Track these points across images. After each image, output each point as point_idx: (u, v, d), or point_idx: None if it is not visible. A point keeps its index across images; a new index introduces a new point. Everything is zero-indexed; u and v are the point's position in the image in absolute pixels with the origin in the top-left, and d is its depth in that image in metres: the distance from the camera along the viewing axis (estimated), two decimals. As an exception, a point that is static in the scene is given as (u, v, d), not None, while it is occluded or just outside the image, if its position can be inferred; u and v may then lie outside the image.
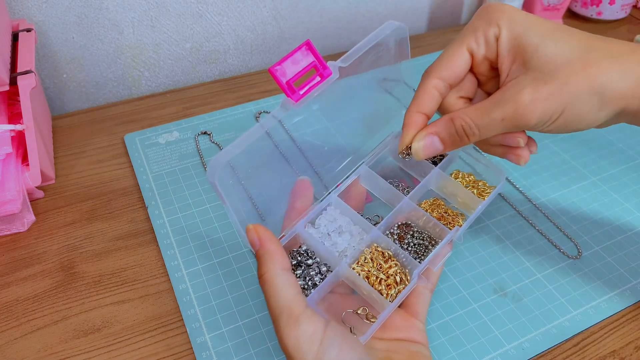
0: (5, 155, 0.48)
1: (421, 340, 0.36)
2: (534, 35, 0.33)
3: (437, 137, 0.37)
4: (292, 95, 0.32)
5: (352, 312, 0.37)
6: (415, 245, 0.40)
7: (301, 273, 0.37)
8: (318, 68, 0.33)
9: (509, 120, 0.33)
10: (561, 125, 0.33)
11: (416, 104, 0.37)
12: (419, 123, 0.38)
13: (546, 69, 0.32)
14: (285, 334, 0.31)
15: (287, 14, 0.73)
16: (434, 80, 0.36)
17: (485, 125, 0.34)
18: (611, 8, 0.79)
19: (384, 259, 0.38)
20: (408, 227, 0.41)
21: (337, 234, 0.40)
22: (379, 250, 0.38)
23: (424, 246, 0.40)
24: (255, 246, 0.34)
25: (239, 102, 0.65)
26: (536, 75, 0.33)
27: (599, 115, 0.33)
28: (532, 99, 0.32)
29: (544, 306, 0.43)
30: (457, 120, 0.35)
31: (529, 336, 0.41)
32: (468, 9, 0.85)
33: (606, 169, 0.55)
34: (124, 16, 0.64)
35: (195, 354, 0.40)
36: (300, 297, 0.32)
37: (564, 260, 0.46)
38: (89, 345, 0.41)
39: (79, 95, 0.68)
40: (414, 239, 0.40)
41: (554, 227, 0.49)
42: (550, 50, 0.33)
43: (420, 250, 0.40)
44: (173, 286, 0.44)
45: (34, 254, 0.47)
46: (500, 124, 0.34)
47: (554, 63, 0.32)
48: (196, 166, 0.56)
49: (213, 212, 0.50)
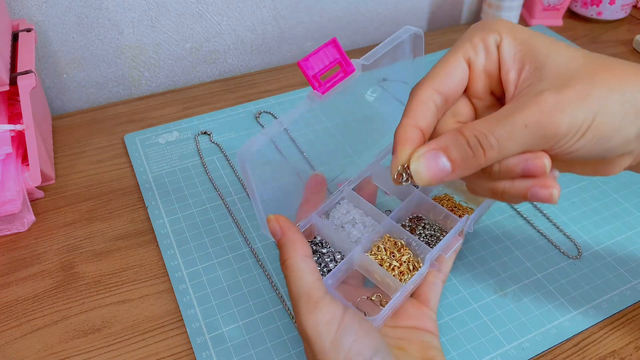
0: (5, 155, 0.48)
1: (432, 330, 0.37)
2: (541, 42, 0.30)
3: (442, 153, 0.28)
4: (319, 88, 0.34)
5: (366, 298, 0.38)
6: (426, 236, 0.41)
7: (316, 261, 0.37)
8: (342, 64, 0.35)
9: (533, 126, 0.27)
10: (593, 139, 0.27)
11: (409, 116, 0.31)
12: (415, 139, 0.30)
13: (568, 73, 0.28)
14: (304, 317, 0.31)
15: (287, 14, 0.73)
16: (428, 91, 0.31)
17: (505, 134, 0.27)
18: (611, 8, 0.79)
19: (397, 248, 0.39)
20: (419, 219, 0.43)
21: (351, 225, 0.41)
22: (392, 240, 0.39)
23: (436, 237, 0.41)
24: (277, 235, 0.34)
25: (239, 102, 0.65)
26: (555, 82, 0.28)
27: (631, 127, 0.27)
28: (557, 101, 0.27)
29: (544, 306, 0.43)
30: (467, 130, 0.28)
31: (529, 336, 0.41)
32: (468, 8, 0.85)
33: (606, 169, 0.55)
34: (124, 16, 0.64)
35: (195, 354, 0.40)
36: (320, 283, 0.33)
37: (564, 260, 0.46)
38: (89, 345, 0.41)
39: (79, 95, 0.68)
40: (425, 230, 0.41)
41: (553, 227, 0.49)
42: (566, 56, 0.29)
43: (432, 241, 0.40)
44: (173, 286, 0.44)
45: (34, 254, 0.47)
46: (524, 133, 0.27)
47: (574, 67, 0.28)
48: (196, 166, 0.56)
49: (213, 212, 0.50)
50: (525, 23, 0.81)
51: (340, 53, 0.35)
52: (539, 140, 0.27)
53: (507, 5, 0.75)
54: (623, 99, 0.27)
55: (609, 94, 0.27)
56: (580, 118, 0.27)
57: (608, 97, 0.27)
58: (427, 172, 0.28)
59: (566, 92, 0.27)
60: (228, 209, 0.51)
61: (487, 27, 0.31)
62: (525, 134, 0.27)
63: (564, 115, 0.27)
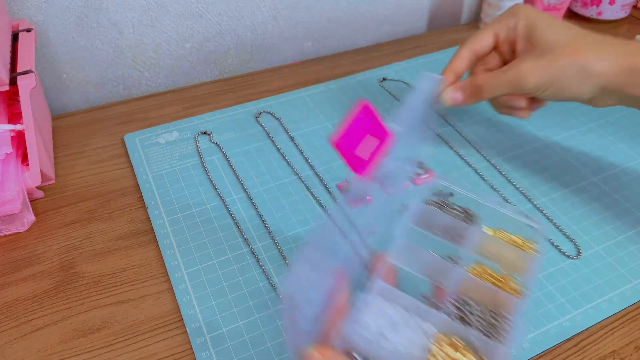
0: (5, 155, 0.48)
1: None
2: (542, 25, 0.45)
3: (460, 90, 0.47)
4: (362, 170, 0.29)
5: None
6: (479, 322, 0.33)
7: None
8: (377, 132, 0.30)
9: (512, 81, 0.44)
10: (554, 92, 0.44)
11: (451, 65, 0.49)
12: (451, 80, 0.48)
13: (546, 48, 0.44)
14: None
15: (287, 14, 0.73)
16: (465, 50, 0.48)
17: (495, 84, 0.45)
18: (611, 8, 0.79)
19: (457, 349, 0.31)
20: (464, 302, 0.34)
21: (393, 330, 0.32)
22: (449, 340, 0.31)
23: (489, 322, 0.32)
24: None
25: (239, 102, 0.65)
26: (537, 53, 0.44)
27: (583, 88, 0.44)
28: (530, 67, 0.44)
29: (544, 306, 0.43)
30: (475, 79, 0.47)
31: (529, 336, 0.41)
32: (468, 9, 0.85)
33: (606, 169, 0.55)
34: (124, 16, 0.64)
35: (195, 354, 0.40)
36: None
37: (564, 260, 0.46)
38: (89, 345, 0.41)
39: (79, 95, 0.68)
40: (474, 316, 0.33)
41: (554, 227, 0.49)
42: (551, 36, 0.44)
43: (486, 327, 0.32)
44: (173, 286, 0.44)
45: (34, 254, 0.47)
46: (506, 85, 0.45)
47: (552, 45, 0.44)
48: (196, 166, 0.56)
49: (213, 212, 0.50)
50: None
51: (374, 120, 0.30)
52: (517, 90, 0.45)
53: (507, 6, 0.75)
54: (580, 68, 0.43)
55: (570, 64, 0.43)
56: (543, 79, 0.44)
57: (569, 66, 0.43)
58: (449, 99, 0.47)
59: (539, 60, 0.44)
60: (228, 209, 0.51)
61: (513, 12, 0.47)
62: (508, 85, 0.45)
63: (531, 77, 0.44)
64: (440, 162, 0.56)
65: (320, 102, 0.64)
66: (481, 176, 0.54)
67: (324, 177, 0.54)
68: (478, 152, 0.57)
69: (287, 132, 0.60)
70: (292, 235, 0.48)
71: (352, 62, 0.73)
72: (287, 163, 0.56)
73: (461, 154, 0.57)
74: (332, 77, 0.69)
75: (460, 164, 0.56)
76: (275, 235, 0.48)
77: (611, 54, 0.42)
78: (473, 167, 0.55)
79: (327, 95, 0.66)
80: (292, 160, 0.56)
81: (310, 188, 0.53)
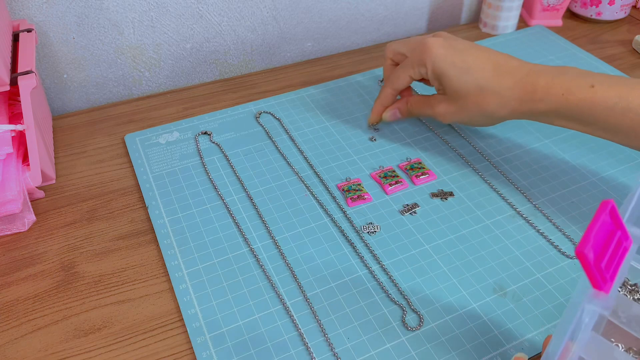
0: (6, 155, 0.48)
1: None
2: (449, 74, 0.51)
3: (397, 110, 0.58)
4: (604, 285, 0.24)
5: None
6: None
7: None
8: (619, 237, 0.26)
9: (433, 116, 0.55)
10: (469, 125, 0.58)
11: (380, 100, 0.59)
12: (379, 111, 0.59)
13: (456, 95, 0.52)
14: None
15: (287, 14, 0.73)
16: (388, 89, 0.57)
17: (421, 111, 0.56)
18: (611, 8, 0.79)
19: None
20: None
21: None
22: None
23: None
24: None
25: (239, 102, 0.65)
26: (448, 97, 0.53)
27: (491, 124, 0.55)
28: (444, 112, 0.54)
29: (544, 306, 0.43)
30: (409, 103, 0.57)
31: (529, 336, 0.41)
32: (468, 9, 0.85)
33: (605, 169, 0.55)
34: (124, 16, 0.64)
35: (196, 354, 0.40)
36: None
37: (563, 260, 0.46)
38: (89, 345, 0.41)
39: (80, 95, 0.68)
40: None
41: (554, 227, 0.49)
42: (458, 85, 0.51)
43: None
44: (173, 286, 0.44)
45: (34, 253, 0.47)
46: (429, 115, 0.56)
47: (459, 94, 0.51)
48: (196, 166, 0.56)
49: (213, 212, 0.51)
50: (525, 23, 0.81)
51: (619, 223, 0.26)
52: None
53: (506, 6, 0.75)
54: (487, 114, 0.51)
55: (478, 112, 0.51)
56: (456, 120, 0.54)
57: (477, 113, 0.52)
58: (389, 117, 0.59)
59: (451, 106, 0.53)
60: (228, 209, 0.51)
61: (422, 62, 0.53)
62: (429, 114, 0.56)
63: (447, 118, 0.54)
64: (440, 162, 0.56)
65: (320, 102, 0.65)
66: (481, 176, 0.54)
67: (324, 177, 0.54)
68: (478, 152, 0.57)
69: (287, 132, 0.60)
70: (292, 236, 0.48)
71: (352, 62, 0.73)
72: (287, 163, 0.56)
73: (461, 153, 0.57)
74: (332, 77, 0.69)
75: (460, 163, 0.56)
76: (275, 235, 0.48)
77: (508, 103, 0.49)
78: (473, 167, 0.55)
79: (327, 95, 0.66)
80: (292, 160, 0.56)
81: (310, 188, 0.53)
